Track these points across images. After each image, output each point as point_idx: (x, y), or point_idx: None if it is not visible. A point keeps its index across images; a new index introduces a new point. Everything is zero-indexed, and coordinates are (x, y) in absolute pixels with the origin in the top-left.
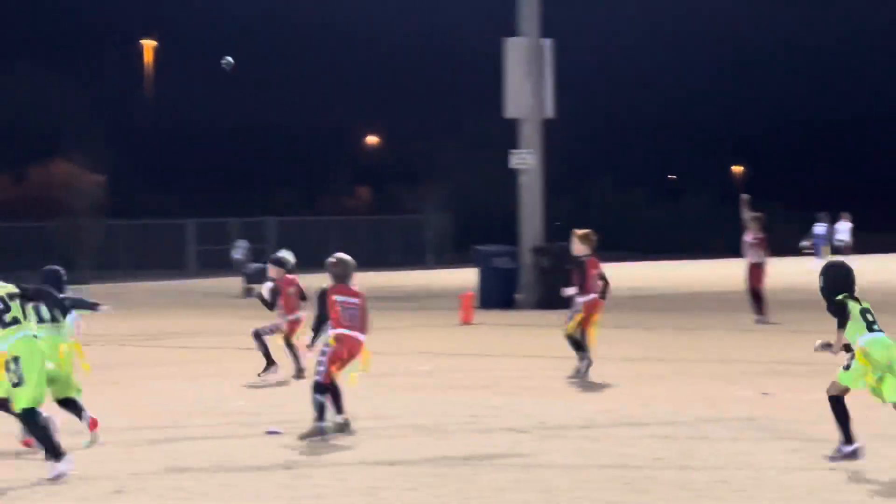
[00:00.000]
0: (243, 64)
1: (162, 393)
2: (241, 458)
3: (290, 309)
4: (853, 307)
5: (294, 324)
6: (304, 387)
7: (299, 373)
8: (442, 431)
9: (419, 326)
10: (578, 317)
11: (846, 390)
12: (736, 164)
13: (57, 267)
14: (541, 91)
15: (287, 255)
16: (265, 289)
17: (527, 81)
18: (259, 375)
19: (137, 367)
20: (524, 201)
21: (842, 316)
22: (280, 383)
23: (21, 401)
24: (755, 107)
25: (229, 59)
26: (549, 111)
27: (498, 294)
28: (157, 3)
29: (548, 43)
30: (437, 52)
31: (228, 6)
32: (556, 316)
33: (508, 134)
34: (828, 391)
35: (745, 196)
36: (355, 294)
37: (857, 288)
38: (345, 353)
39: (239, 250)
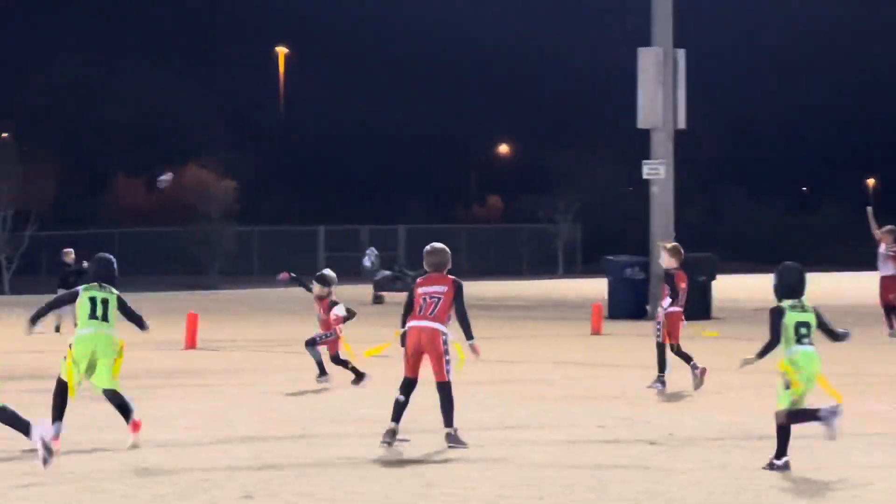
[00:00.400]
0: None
1: (290, 399)
2: (369, 466)
3: (327, 326)
4: (789, 319)
5: (336, 340)
6: (424, 394)
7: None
8: (570, 441)
9: (548, 336)
10: (667, 328)
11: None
12: (869, 176)
13: (110, 256)
14: (673, 101)
15: (329, 272)
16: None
17: (659, 92)
18: (318, 381)
19: (266, 373)
20: (655, 211)
21: (772, 326)
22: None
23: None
24: (892, 118)
25: (165, 178)
26: (682, 122)
27: (628, 304)
28: (291, 11)
29: (681, 53)
30: (569, 61)
31: (361, 15)
32: (687, 327)
33: (640, 144)
34: (777, 417)
35: (869, 208)
36: (442, 282)
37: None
38: (410, 346)
39: (369, 258)
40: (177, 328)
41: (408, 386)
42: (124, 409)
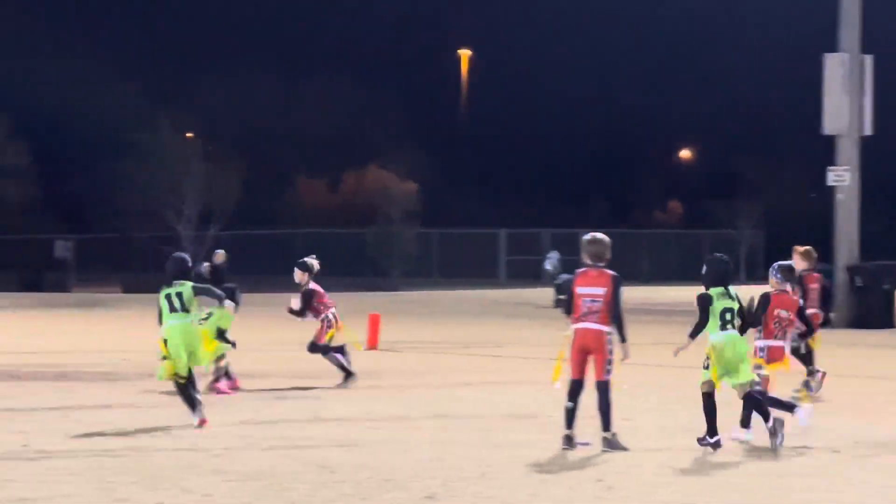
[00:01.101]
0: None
1: (472, 399)
2: (549, 468)
3: (318, 312)
4: (717, 305)
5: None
6: (627, 397)
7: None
8: (752, 448)
9: None
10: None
11: (713, 386)
12: None
13: (184, 255)
14: (860, 107)
15: (312, 260)
16: (294, 301)
17: (846, 98)
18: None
19: (449, 373)
20: (840, 219)
21: (702, 310)
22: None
23: (163, 372)
24: None
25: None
26: (868, 128)
27: None
28: (474, 13)
29: (869, 59)
30: (752, 66)
31: (545, 16)
32: (871, 335)
33: (824, 150)
34: (701, 387)
35: None
36: (601, 282)
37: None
38: (575, 349)
39: (550, 261)
40: (358, 329)
41: (575, 390)
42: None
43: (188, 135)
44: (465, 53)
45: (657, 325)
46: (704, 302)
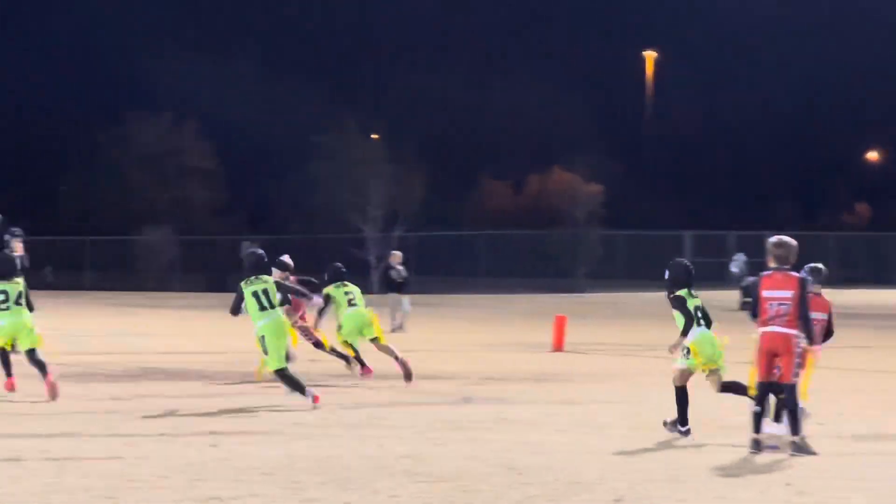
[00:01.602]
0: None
1: (659, 402)
2: (738, 472)
3: (297, 307)
4: (690, 304)
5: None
6: (817, 402)
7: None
8: None
9: None
10: None
11: (688, 376)
12: None
13: (260, 250)
14: None
15: (286, 258)
16: (316, 299)
17: None
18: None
19: (635, 376)
20: None
21: (682, 309)
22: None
23: (272, 365)
24: None
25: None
26: None
27: None
28: (659, 14)
29: None
30: None
31: (732, 17)
32: None
33: None
34: (673, 381)
35: None
36: (788, 285)
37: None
38: (763, 353)
39: (736, 263)
40: (544, 330)
41: (763, 394)
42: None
43: (374, 136)
44: (650, 55)
45: (848, 329)
46: (682, 302)
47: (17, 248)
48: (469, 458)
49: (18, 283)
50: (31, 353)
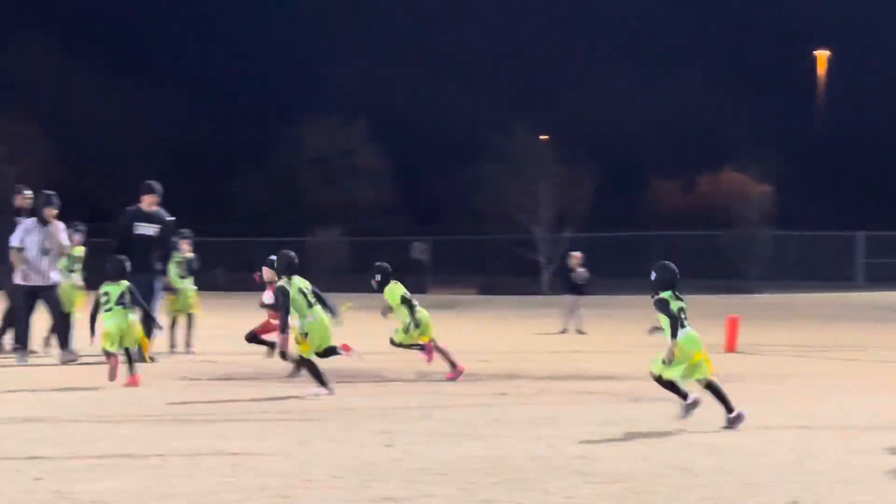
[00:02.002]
0: None
1: (834, 404)
2: None
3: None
4: (673, 306)
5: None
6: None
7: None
8: None
9: None
10: None
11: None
12: None
13: (290, 252)
14: None
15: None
16: (267, 295)
17: None
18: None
19: (810, 377)
20: None
21: (666, 311)
22: None
23: (303, 351)
24: None
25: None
26: None
27: None
28: (831, 13)
29: None
30: None
31: None
32: None
33: None
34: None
35: None
36: None
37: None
38: None
39: None
40: (716, 331)
41: None
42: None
43: (542, 137)
44: (822, 54)
45: None
46: (665, 304)
47: (186, 249)
48: (642, 459)
49: (122, 285)
50: (128, 350)
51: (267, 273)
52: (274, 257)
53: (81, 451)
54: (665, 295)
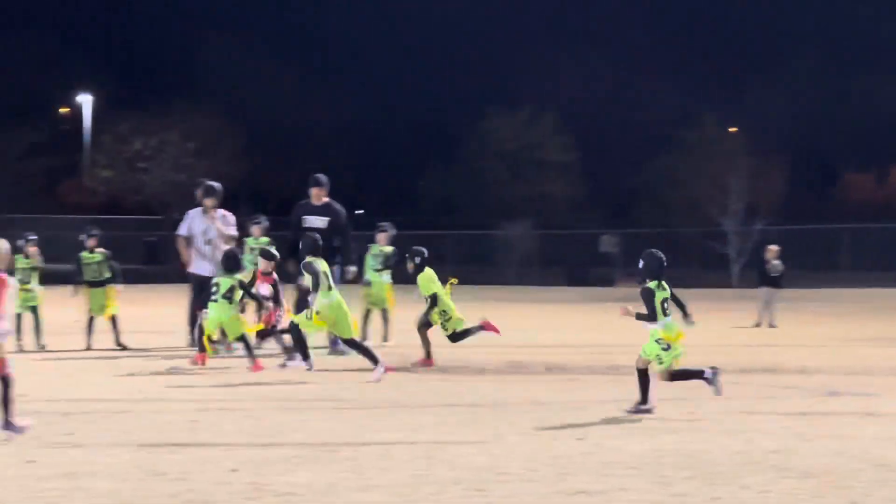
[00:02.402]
0: None
1: None
2: None
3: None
4: (658, 296)
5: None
6: None
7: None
8: None
9: None
10: None
11: (649, 363)
12: None
13: (316, 236)
14: None
15: (273, 249)
16: (263, 288)
17: None
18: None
19: None
20: None
21: (649, 300)
22: None
23: (304, 324)
24: None
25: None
26: None
27: None
28: None
29: None
30: None
31: None
32: None
33: None
34: (636, 365)
35: None
36: None
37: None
38: None
39: None
40: None
41: None
42: (369, 354)
43: (732, 129)
44: None
45: None
46: (650, 294)
47: (383, 242)
48: (837, 454)
49: (233, 279)
50: (241, 337)
51: (263, 264)
52: (270, 248)
53: (276, 442)
54: (651, 285)
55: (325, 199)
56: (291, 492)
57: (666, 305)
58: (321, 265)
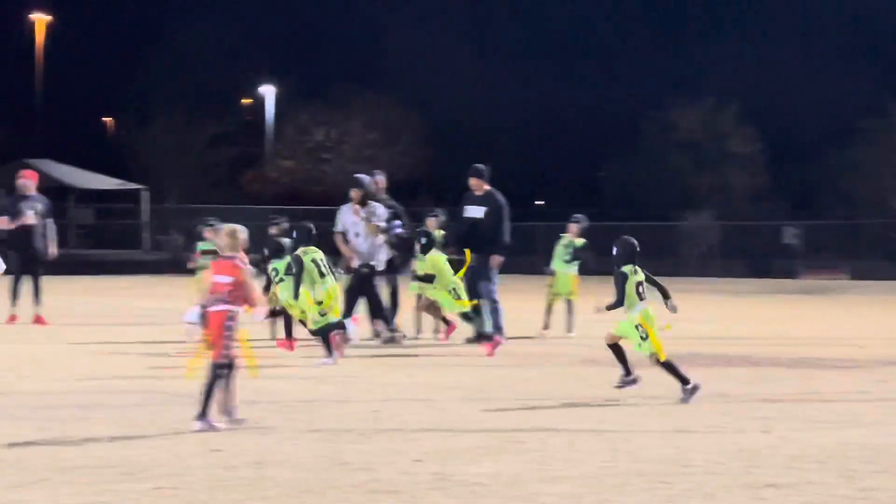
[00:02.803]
0: None
1: None
2: None
3: None
4: (632, 280)
5: None
6: None
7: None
8: None
9: None
10: None
11: (619, 338)
12: None
13: (310, 225)
14: None
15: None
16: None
17: None
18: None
19: None
20: None
21: (621, 287)
22: None
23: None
24: None
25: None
26: None
27: None
28: None
29: None
30: None
31: None
32: None
33: None
34: (606, 340)
35: None
36: None
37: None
38: None
39: None
40: None
41: None
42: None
43: None
44: None
45: None
46: (624, 279)
47: (573, 233)
48: None
49: (282, 263)
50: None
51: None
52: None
53: (460, 433)
54: (626, 269)
55: (486, 188)
56: (477, 482)
57: (641, 290)
58: (309, 256)
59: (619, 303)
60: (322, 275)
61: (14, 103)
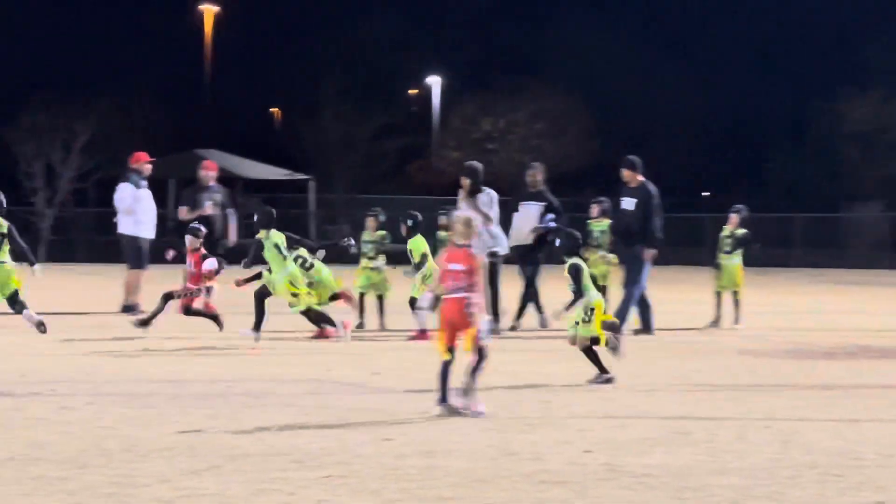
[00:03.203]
0: None
1: None
2: None
3: (196, 279)
4: (585, 270)
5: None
6: None
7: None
8: None
9: None
10: None
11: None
12: None
13: (272, 210)
14: None
15: (200, 226)
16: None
17: None
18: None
19: None
20: None
21: (578, 277)
22: None
23: (310, 302)
24: None
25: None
26: None
27: None
28: None
29: None
30: None
31: None
32: None
33: None
34: (578, 346)
35: None
36: None
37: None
38: None
39: None
40: None
41: None
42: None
43: None
44: None
45: None
46: (580, 272)
47: (733, 222)
48: None
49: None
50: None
51: (190, 241)
52: (197, 225)
53: (628, 424)
54: (577, 261)
55: (640, 180)
56: (647, 473)
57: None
58: (271, 241)
59: (581, 293)
60: (284, 258)
61: (183, 94)
